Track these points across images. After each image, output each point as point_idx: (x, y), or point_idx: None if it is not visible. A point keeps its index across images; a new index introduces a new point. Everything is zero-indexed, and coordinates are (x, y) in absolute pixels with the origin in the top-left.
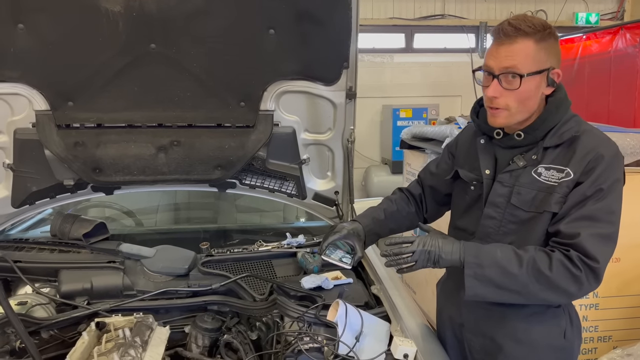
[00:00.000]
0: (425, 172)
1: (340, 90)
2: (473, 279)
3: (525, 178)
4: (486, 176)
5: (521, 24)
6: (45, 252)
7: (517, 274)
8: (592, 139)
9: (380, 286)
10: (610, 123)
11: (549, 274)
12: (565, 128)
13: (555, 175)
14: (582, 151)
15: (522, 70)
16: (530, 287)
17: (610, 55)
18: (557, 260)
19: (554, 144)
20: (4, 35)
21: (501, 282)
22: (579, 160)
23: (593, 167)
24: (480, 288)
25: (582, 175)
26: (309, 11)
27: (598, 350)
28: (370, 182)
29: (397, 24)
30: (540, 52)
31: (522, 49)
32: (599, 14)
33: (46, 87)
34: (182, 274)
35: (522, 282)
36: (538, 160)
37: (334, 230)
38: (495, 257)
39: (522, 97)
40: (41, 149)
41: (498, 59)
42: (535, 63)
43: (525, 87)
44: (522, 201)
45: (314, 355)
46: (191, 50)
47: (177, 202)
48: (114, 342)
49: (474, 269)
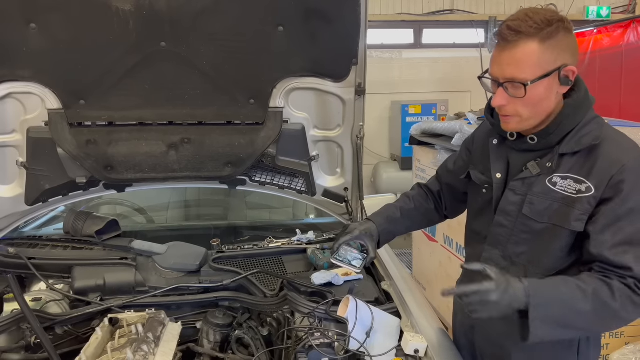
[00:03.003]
0: (443, 169)
1: (350, 86)
2: (539, 321)
3: (539, 187)
4: (497, 180)
5: (521, 25)
6: (59, 249)
7: (583, 310)
8: (615, 147)
9: (391, 282)
10: (622, 118)
11: (615, 306)
12: (584, 132)
13: (572, 186)
14: (604, 162)
15: (526, 78)
16: (595, 320)
17: (621, 49)
18: (619, 289)
19: (572, 150)
20: (16, 35)
21: (567, 321)
22: (601, 173)
23: (619, 183)
24: (546, 329)
25: (607, 190)
26: (318, 8)
27: (610, 346)
28: (379, 179)
29: (405, 20)
30: (546, 53)
31: (525, 53)
32: (610, 8)
33: (58, 86)
34: (193, 270)
35: (588, 317)
36: (553, 168)
37: (346, 230)
38: (561, 293)
39: (531, 102)
40: (54, 147)
41: (501, 66)
42: (542, 66)
43: (533, 93)
44: (534, 212)
45: (325, 351)
46: (201, 48)
47: (187, 200)
48: (127, 338)
49: (540, 311)
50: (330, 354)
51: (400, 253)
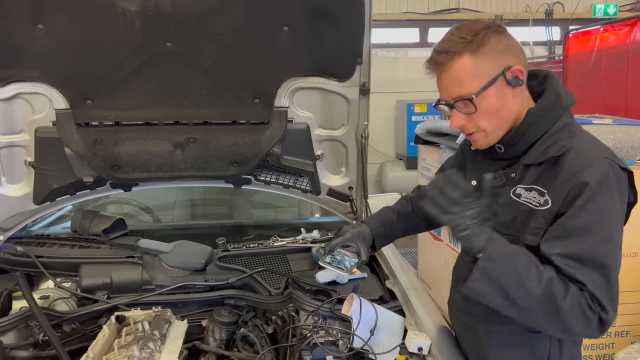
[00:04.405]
0: (440, 171)
1: (354, 86)
2: (482, 273)
3: (504, 198)
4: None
5: (448, 45)
6: (66, 248)
7: (529, 289)
8: (579, 158)
9: (395, 280)
10: (628, 116)
11: (562, 305)
12: (551, 141)
13: (536, 198)
14: (565, 174)
15: (470, 92)
16: (536, 307)
17: (628, 47)
18: (574, 294)
19: (536, 161)
20: (24, 36)
21: (510, 290)
22: (560, 186)
23: (575, 197)
24: (485, 285)
25: (563, 205)
26: (322, 7)
27: (615, 345)
28: (385, 178)
29: (411, 19)
30: (482, 63)
31: (460, 70)
32: (617, 6)
33: (66, 86)
34: (199, 268)
35: (531, 299)
36: (517, 179)
37: (338, 233)
38: (516, 260)
39: (488, 114)
40: (61, 147)
41: (445, 90)
42: (481, 77)
43: (484, 104)
44: (499, 223)
45: (329, 349)
46: (206, 48)
47: (193, 199)
48: (134, 335)
49: (489, 261)
50: (334, 351)
51: (405, 252)
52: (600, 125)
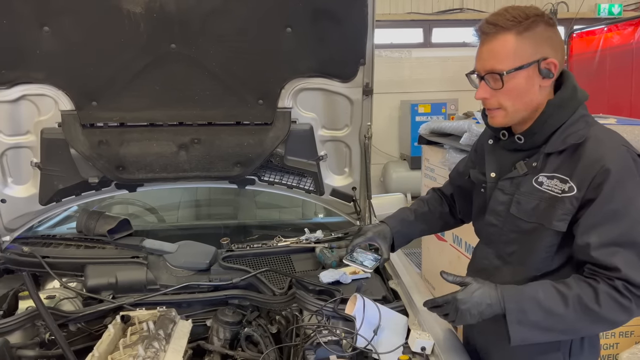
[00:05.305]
0: (455, 172)
1: (357, 86)
2: (517, 325)
3: (526, 187)
4: (490, 180)
5: (499, 19)
6: (72, 248)
7: (563, 314)
8: (598, 147)
9: (398, 280)
10: (632, 116)
11: (598, 310)
12: (570, 131)
13: (558, 186)
14: (586, 162)
15: (503, 69)
16: (578, 324)
17: (632, 47)
18: (604, 292)
19: (557, 149)
20: (30, 38)
21: (547, 325)
22: (583, 173)
23: (600, 184)
24: (526, 332)
25: (589, 191)
26: (326, 8)
27: (620, 346)
28: (388, 178)
29: (415, 19)
30: (523, 45)
31: (501, 45)
32: (622, 5)
33: (71, 87)
34: (203, 268)
35: (569, 321)
36: (539, 168)
37: (359, 233)
38: (538, 299)
39: (513, 94)
40: (67, 148)
41: (481, 60)
42: (518, 58)
43: (512, 84)
44: (522, 211)
45: (333, 348)
46: (210, 50)
47: (198, 199)
48: (139, 335)
49: (516, 315)
50: (337, 351)
51: (409, 252)
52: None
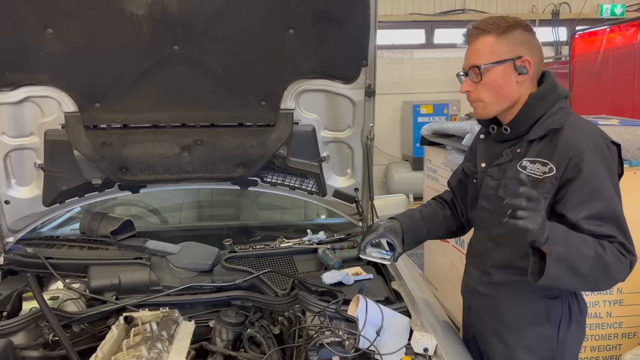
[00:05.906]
0: (452, 176)
1: (359, 88)
2: (554, 259)
3: (512, 171)
4: (481, 169)
5: (482, 24)
6: (75, 249)
7: (588, 255)
8: (574, 132)
9: (401, 282)
10: (635, 117)
11: (608, 260)
12: (550, 120)
13: (540, 169)
14: (564, 144)
15: (481, 63)
16: (594, 270)
17: (635, 47)
18: (609, 247)
19: (538, 136)
20: (34, 40)
21: (575, 264)
22: (561, 155)
23: (577, 164)
24: (557, 270)
25: (567, 171)
26: (328, 10)
27: (622, 347)
28: (391, 179)
29: (417, 20)
30: (501, 45)
31: (482, 45)
32: (624, 6)
33: (74, 89)
34: (206, 269)
35: (591, 264)
36: (522, 153)
37: (371, 229)
38: (570, 236)
39: (491, 87)
40: (70, 150)
41: (466, 58)
42: (495, 55)
43: (489, 77)
44: (508, 194)
45: (335, 349)
46: (213, 51)
47: (200, 200)
48: (142, 336)
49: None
50: (340, 352)
51: (412, 254)
52: (606, 126)
